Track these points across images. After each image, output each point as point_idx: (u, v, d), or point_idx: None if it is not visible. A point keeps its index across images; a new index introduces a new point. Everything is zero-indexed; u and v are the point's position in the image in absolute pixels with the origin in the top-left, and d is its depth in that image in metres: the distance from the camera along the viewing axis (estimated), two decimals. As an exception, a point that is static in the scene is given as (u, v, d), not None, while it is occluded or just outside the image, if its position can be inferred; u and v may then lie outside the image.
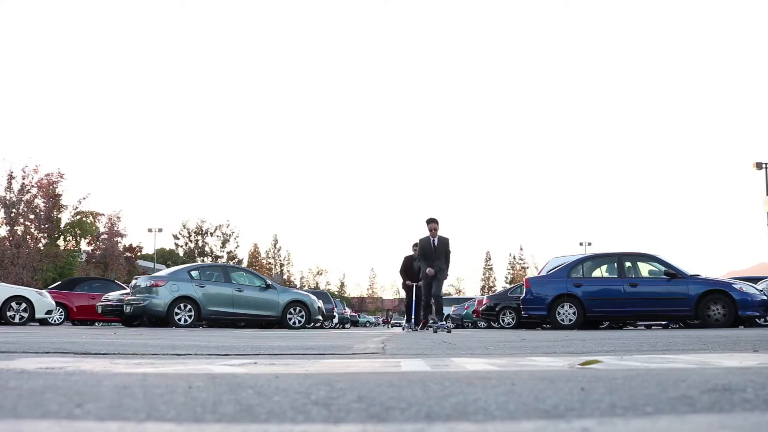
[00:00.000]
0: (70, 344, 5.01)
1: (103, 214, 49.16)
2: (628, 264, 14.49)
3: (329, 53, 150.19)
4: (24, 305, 17.08)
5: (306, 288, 77.47)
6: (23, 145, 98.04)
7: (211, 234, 73.84)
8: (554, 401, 1.59)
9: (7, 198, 40.52)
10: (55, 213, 42.95)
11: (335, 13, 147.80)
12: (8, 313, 16.82)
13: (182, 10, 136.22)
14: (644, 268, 14.51)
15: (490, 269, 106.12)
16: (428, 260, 13.19)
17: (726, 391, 1.75)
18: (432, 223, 13.42)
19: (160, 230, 59.62)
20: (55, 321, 20.44)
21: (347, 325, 35.38)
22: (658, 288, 13.98)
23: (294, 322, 16.80)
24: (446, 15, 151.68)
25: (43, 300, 17.64)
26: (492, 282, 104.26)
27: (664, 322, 17.25)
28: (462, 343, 5.94)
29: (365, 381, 2.09)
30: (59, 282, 24.68)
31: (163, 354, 3.98)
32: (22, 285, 30.40)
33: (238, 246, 74.87)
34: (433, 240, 13.26)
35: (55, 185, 42.19)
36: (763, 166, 33.94)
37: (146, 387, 1.90)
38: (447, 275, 13.49)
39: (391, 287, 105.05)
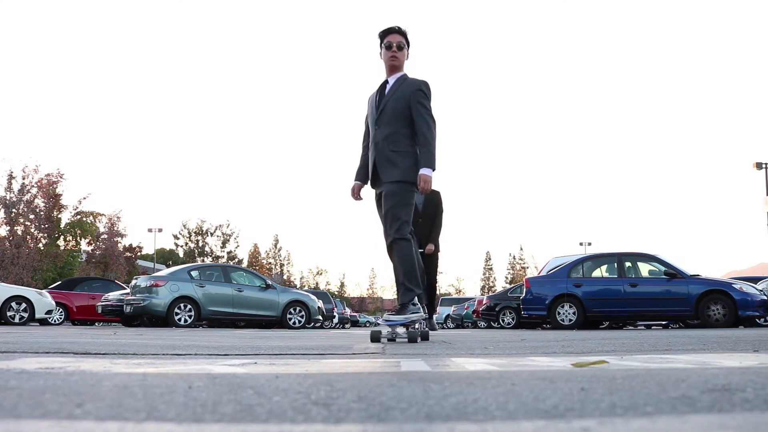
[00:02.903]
0: (70, 344, 5.01)
1: (103, 214, 49.32)
2: (628, 264, 14.50)
3: (329, 54, 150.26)
4: (24, 305, 17.09)
5: (306, 288, 77.49)
6: (23, 145, 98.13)
7: (211, 234, 73.94)
8: (554, 401, 1.59)
9: (7, 198, 40.57)
10: (55, 213, 43.02)
11: (335, 14, 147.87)
12: (8, 313, 16.83)
13: (182, 10, 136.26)
14: (644, 268, 14.54)
15: (490, 269, 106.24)
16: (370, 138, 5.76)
17: (726, 391, 1.75)
18: (390, 34, 5.66)
19: (160, 230, 59.72)
20: (55, 321, 20.45)
21: (347, 325, 35.37)
22: (658, 288, 13.98)
23: (294, 322, 16.80)
24: (448, 18, 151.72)
25: (43, 300, 17.64)
26: (492, 282, 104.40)
27: (664, 322, 17.26)
28: (462, 343, 5.94)
29: (365, 381, 2.09)
30: (59, 282, 24.69)
31: (163, 354, 3.98)
32: (22, 285, 30.45)
33: (238, 246, 75.04)
34: (378, 94, 5.83)
35: (55, 185, 42.28)
36: (763, 166, 33.96)
37: (146, 387, 1.90)
38: (427, 188, 5.40)
39: (391, 287, 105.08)
